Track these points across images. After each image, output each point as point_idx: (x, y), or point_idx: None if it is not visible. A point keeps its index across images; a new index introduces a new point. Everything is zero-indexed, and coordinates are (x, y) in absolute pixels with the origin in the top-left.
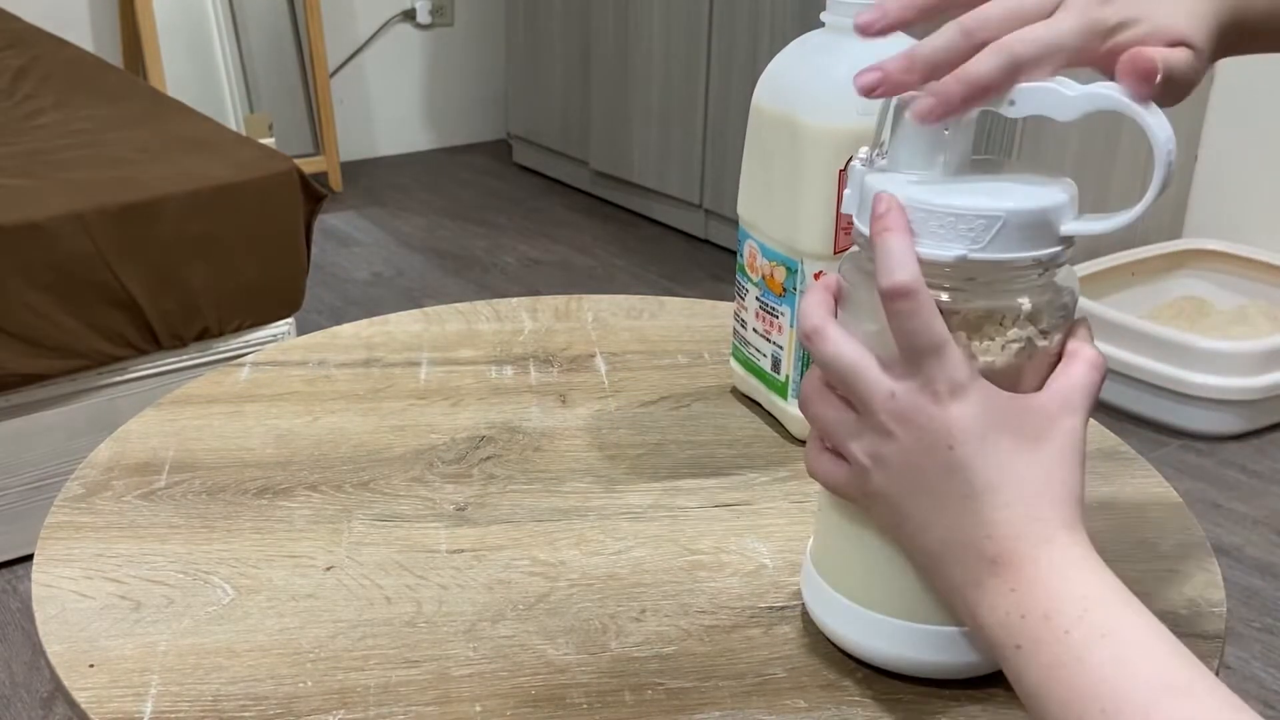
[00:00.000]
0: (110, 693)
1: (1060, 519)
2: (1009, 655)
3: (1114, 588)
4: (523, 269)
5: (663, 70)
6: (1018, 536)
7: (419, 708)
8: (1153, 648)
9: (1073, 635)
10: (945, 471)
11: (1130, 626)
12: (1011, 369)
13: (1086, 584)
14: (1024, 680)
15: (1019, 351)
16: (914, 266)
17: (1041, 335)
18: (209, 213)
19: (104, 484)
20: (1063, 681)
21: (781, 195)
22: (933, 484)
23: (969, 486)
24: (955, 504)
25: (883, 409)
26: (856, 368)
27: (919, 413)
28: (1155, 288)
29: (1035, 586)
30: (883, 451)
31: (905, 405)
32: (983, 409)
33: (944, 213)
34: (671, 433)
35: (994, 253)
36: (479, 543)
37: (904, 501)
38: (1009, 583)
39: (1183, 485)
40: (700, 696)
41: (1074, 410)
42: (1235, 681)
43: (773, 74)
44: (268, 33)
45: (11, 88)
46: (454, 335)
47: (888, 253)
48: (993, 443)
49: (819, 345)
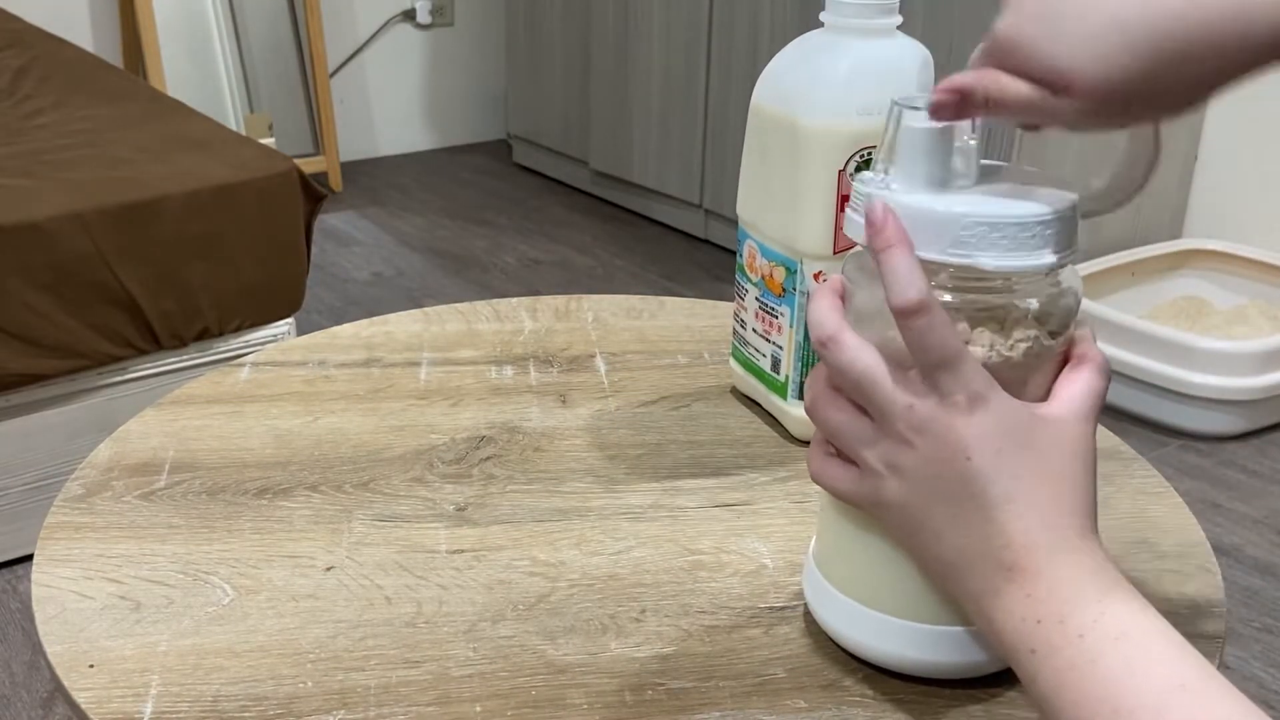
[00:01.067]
0: (110, 693)
1: (1074, 527)
2: (1023, 659)
3: (1127, 593)
4: (523, 269)
5: (663, 70)
6: (1034, 545)
7: (419, 708)
8: (1165, 651)
9: (1086, 639)
10: (962, 481)
11: (1143, 630)
12: (1020, 369)
13: (1100, 589)
14: (1038, 683)
15: (1027, 351)
16: (923, 281)
17: (1049, 335)
18: (209, 213)
19: (104, 484)
20: (1075, 684)
21: (781, 195)
22: (950, 493)
23: (986, 496)
24: (972, 513)
25: (901, 419)
26: (873, 376)
27: (937, 424)
28: (1155, 288)
29: (1051, 593)
30: (900, 461)
31: (923, 416)
32: (999, 420)
33: (1033, 223)
34: (671, 433)
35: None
36: (479, 543)
37: (920, 511)
38: (1025, 589)
39: (1183, 485)
40: (700, 697)
41: (1084, 417)
42: (1235, 681)
43: (773, 74)
44: (268, 33)
45: (11, 88)
46: (454, 335)
47: (894, 271)
48: (1008, 453)
49: (835, 353)
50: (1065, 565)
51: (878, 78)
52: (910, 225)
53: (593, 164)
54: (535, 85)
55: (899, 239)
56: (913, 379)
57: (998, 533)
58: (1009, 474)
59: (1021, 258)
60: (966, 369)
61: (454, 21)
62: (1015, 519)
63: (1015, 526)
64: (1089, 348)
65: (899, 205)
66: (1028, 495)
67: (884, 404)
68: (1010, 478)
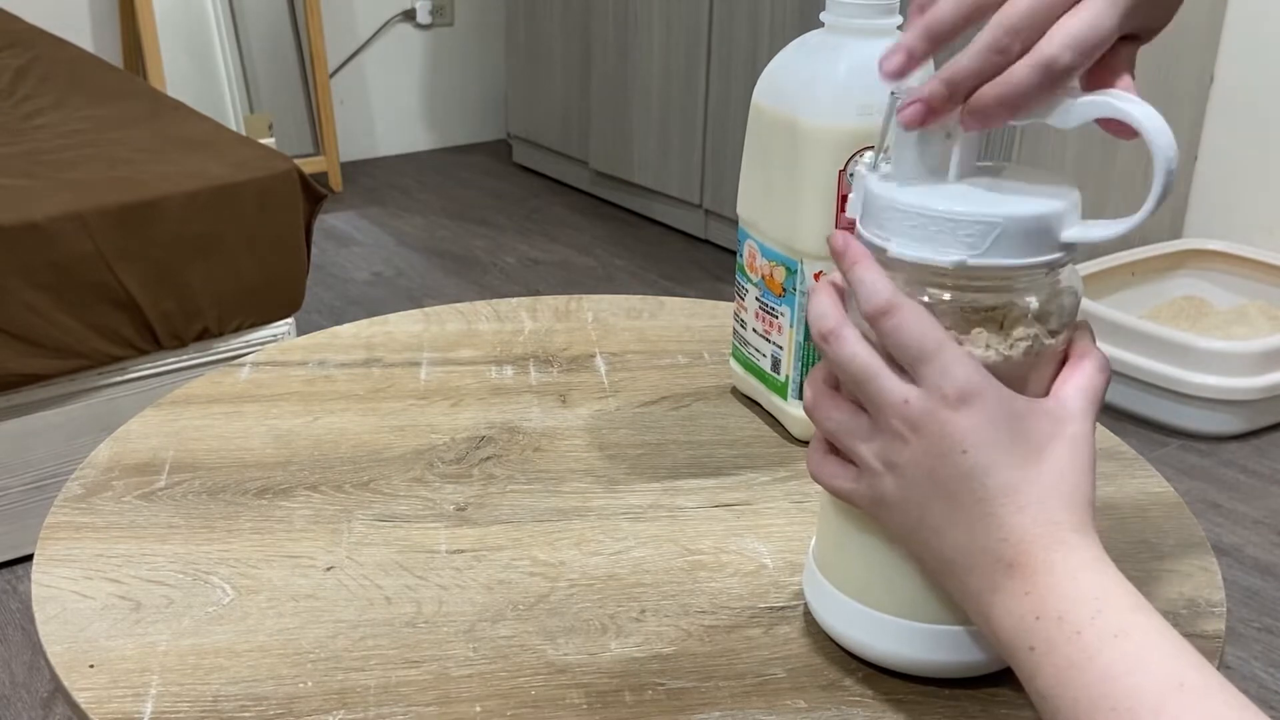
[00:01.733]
0: (110, 693)
1: (1072, 522)
2: (1022, 657)
3: (1125, 590)
4: (523, 269)
5: (663, 70)
6: (1032, 540)
7: (419, 708)
8: (1163, 648)
9: (1084, 636)
10: (960, 476)
11: (1141, 628)
12: (1020, 367)
13: (1099, 586)
14: (1036, 681)
15: (1027, 350)
16: (887, 284)
17: (1049, 334)
18: (209, 213)
19: (104, 484)
20: (1074, 682)
21: (781, 195)
22: (948, 489)
23: (984, 490)
24: (970, 508)
25: (896, 414)
26: (871, 371)
27: (932, 417)
28: (1155, 288)
29: (1049, 589)
30: (896, 457)
31: (918, 410)
32: (995, 413)
33: (944, 218)
34: (671, 433)
35: (993, 258)
36: (479, 543)
37: (919, 507)
38: (1024, 586)
39: (1183, 485)
40: (700, 697)
41: (1083, 414)
42: (1235, 681)
43: (773, 74)
44: (268, 33)
45: (11, 88)
46: (454, 335)
47: (860, 282)
48: (1005, 447)
49: (835, 347)
50: (1063, 561)
51: (877, 78)
52: (863, 208)
53: (593, 164)
54: (535, 85)
55: (861, 255)
56: (909, 375)
57: (996, 527)
58: (1006, 465)
59: (931, 251)
60: (948, 358)
61: (454, 21)
62: (1014, 513)
63: (1013, 521)
64: (1088, 346)
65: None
66: (1025, 488)
67: (880, 399)
68: (1007, 469)
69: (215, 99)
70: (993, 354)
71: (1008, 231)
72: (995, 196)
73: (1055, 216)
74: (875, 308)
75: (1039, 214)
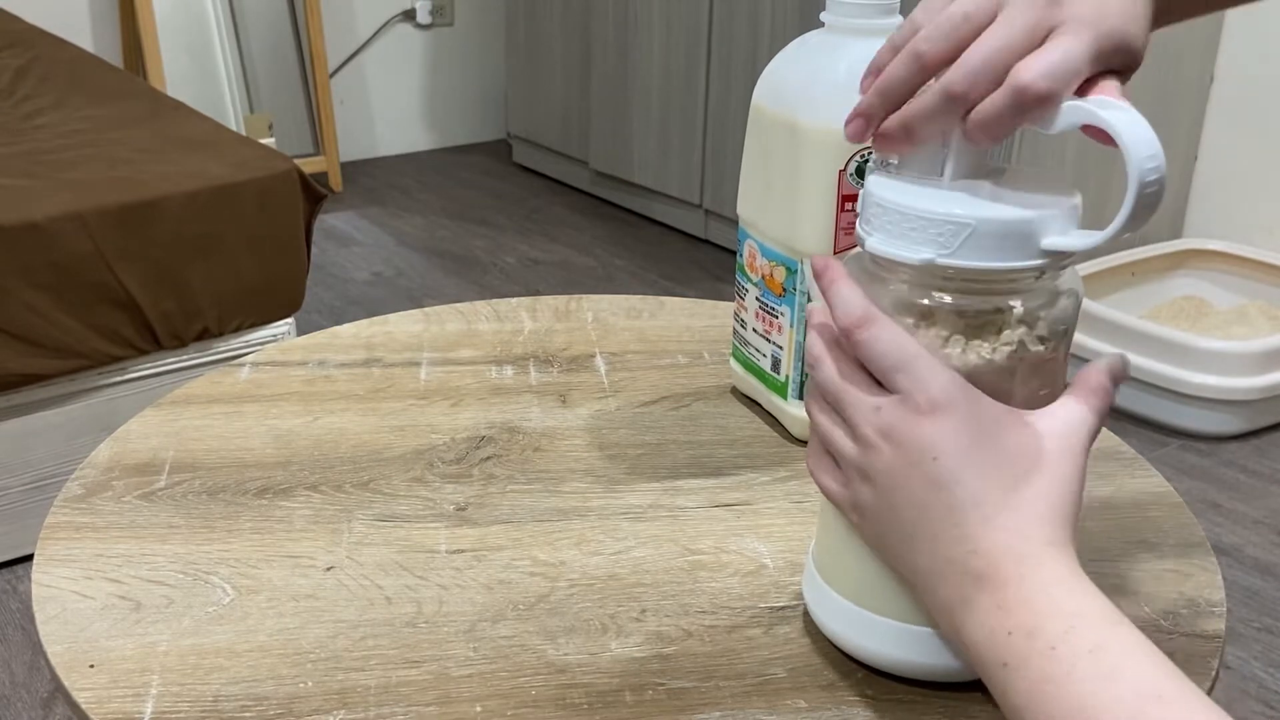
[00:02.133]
0: (110, 693)
1: (1045, 536)
2: (995, 673)
3: (1100, 605)
4: (523, 269)
5: (663, 70)
6: (1003, 552)
7: (419, 708)
8: (1138, 661)
9: (1058, 651)
10: (930, 484)
11: (1116, 641)
12: (1004, 372)
13: (1072, 601)
14: (1010, 697)
15: (1010, 354)
16: (862, 299)
17: (1036, 340)
18: (209, 213)
19: (104, 484)
20: (1048, 696)
21: (781, 195)
22: (918, 497)
23: (952, 498)
24: (940, 517)
25: (866, 422)
26: (843, 385)
27: (903, 424)
28: (1155, 288)
29: (1021, 603)
30: (869, 465)
31: (890, 419)
32: (968, 421)
33: (917, 216)
34: (671, 433)
35: (964, 259)
36: (479, 543)
37: (890, 514)
38: (995, 599)
39: (1183, 485)
40: (700, 696)
41: (1073, 428)
42: (1235, 681)
43: (773, 74)
44: (268, 33)
45: (11, 88)
46: (454, 335)
47: (835, 296)
48: (976, 451)
49: (814, 372)
50: (1035, 574)
51: None
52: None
53: (593, 164)
54: (535, 85)
55: (839, 274)
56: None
57: (965, 538)
58: (976, 474)
59: (903, 247)
60: (921, 368)
61: (454, 21)
62: (982, 522)
63: (982, 531)
64: (1100, 380)
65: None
66: (997, 498)
67: (852, 409)
68: (978, 478)
69: (215, 99)
70: (973, 357)
71: (979, 233)
72: (978, 199)
73: (1034, 222)
74: (851, 321)
75: (1015, 218)
